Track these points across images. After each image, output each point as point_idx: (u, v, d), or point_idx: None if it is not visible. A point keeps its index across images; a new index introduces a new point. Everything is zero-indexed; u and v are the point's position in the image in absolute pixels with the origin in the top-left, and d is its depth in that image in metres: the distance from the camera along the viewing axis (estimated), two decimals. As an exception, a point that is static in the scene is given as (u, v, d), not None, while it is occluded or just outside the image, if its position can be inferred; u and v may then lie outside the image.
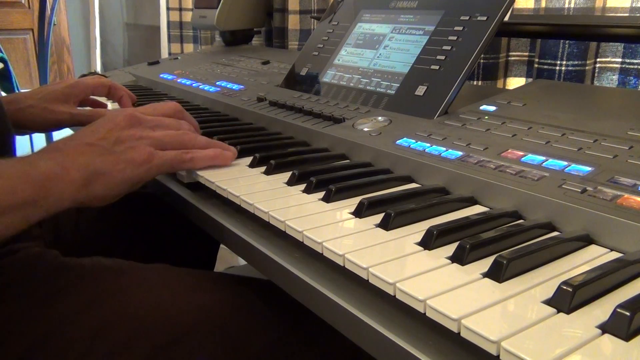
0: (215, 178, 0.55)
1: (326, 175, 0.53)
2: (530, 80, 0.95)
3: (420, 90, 0.65)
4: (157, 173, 0.55)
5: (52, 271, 0.57)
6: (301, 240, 0.43)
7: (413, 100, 0.65)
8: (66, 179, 0.48)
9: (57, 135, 1.29)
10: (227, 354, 0.55)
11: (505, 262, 0.34)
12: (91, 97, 0.86)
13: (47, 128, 0.80)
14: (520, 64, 0.97)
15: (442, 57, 0.66)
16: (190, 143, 0.58)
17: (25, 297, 0.54)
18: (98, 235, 0.81)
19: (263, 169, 0.58)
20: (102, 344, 0.51)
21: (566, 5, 0.85)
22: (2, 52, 1.87)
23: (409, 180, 0.54)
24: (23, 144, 1.97)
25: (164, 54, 2.19)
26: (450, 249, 0.38)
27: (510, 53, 0.98)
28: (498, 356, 0.28)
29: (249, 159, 0.61)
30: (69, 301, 0.54)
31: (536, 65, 0.89)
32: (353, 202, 0.47)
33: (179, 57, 1.35)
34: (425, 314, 0.32)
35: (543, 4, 0.88)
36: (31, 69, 2.82)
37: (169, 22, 1.93)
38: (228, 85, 0.94)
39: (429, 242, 0.39)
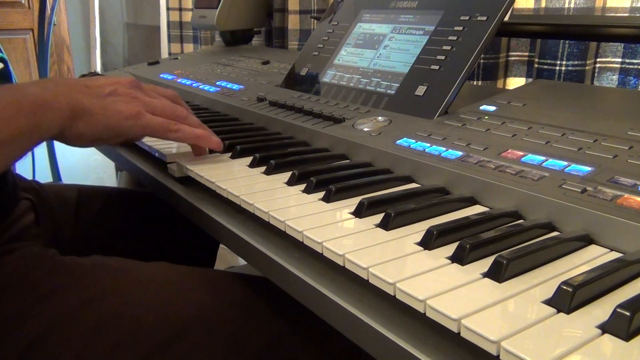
0: (215, 178, 0.55)
1: (326, 175, 0.53)
2: (530, 80, 0.95)
3: (420, 90, 0.65)
4: (141, 133, 0.57)
5: (50, 269, 0.57)
6: (301, 240, 0.43)
7: (413, 100, 0.65)
8: (55, 107, 0.49)
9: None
10: (226, 352, 0.55)
11: (505, 262, 0.34)
12: None
13: None
14: (520, 64, 0.97)
15: (442, 57, 0.66)
16: (182, 116, 0.60)
17: (23, 295, 0.54)
18: (97, 235, 0.81)
19: (263, 169, 0.58)
20: (100, 341, 0.51)
21: (566, 5, 0.85)
22: (2, 52, 1.87)
23: (409, 180, 0.54)
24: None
25: (164, 54, 2.19)
26: (450, 249, 0.38)
27: (510, 53, 0.98)
28: (498, 356, 0.28)
29: (249, 159, 0.61)
30: (67, 299, 0.54)
31: (536, 65, 0.89)
32: (353, 202, 0.47)
33: (179, 57, 1.35)
34: (425, 314, 0.32)
35: (543, 4, 0.88)
36: (31, 69, 2.82)
37: (169, 22, 1.93)
38: (228, 85, 0.94)
39: (429, 242, 0.39)
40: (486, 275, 0.35)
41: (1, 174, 0.56)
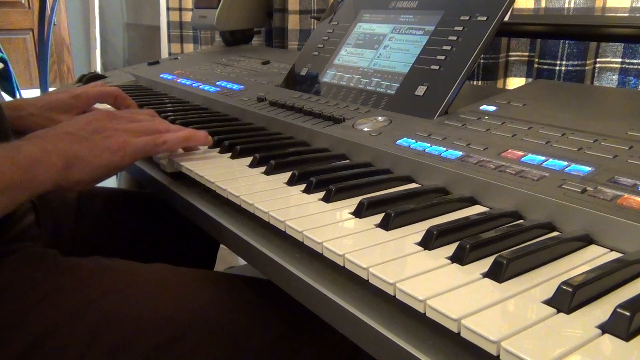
0: (215, 178, 0.55)
1: (326, 175, 0.53)
2: (530, 80, 0.95)
3: (420, 90, 0.65)
4: (133, 159, 0.58)
5: (51, 270, 0.57)
6: (301, 240, 0.43)
7: (413, 100, 0.65)
8: (48, 162, 0.50)
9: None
10: (226, 353, 0.55)
11: (505, 262, 0.34)
12: (95, 105, 0.85)
13: None
14: (520, 64, 0.97)
15: (442, 57, 0.66)
16: (163, 129, 0.62)
17: (24, 295, 0.54)
18: (98, 235, 0.81)
19: (263, 169, 0.58)
20: (101, 342, 0.51)
21: (566, 5, 0.85)
22: (2, 52, 1.87)
23: (409, 180, 0.54)
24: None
25: (164, 54, 2.19)
26: (450, 249, 0.38)
27: (510, 53, 0.98)
28: (498, 356, 0.28)
29: (249, 159, 0.61)
30: (67, 300, 0.54)
31: (536, 65, 0.89)
32: (353, 202, 0.47)
33: (179, 57, 1.35)
34: (425, 314, 0.32)
35: (543, 4, 0.88)
36: (31, 69, 2.82)
37: (169, 22, 1.93)
38: (228, 85, 0.94)
39: (429, 242, 0.39)
40: (486, 275, 0.35)
41: None
